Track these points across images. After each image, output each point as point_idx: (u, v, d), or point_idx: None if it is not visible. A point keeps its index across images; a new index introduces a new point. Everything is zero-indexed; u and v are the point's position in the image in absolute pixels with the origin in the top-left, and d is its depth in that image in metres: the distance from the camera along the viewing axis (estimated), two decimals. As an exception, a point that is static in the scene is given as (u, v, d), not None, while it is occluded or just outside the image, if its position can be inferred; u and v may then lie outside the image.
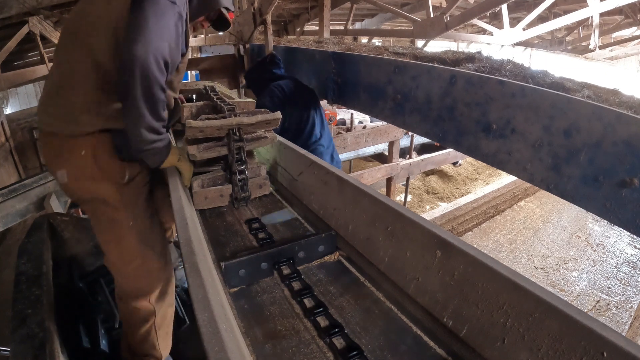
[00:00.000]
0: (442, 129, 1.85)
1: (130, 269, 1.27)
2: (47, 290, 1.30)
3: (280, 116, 1.26)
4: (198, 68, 3.61)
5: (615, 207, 1.23)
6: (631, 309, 3.50)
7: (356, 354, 0.70)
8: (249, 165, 1.29)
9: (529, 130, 1.45)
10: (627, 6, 4.61)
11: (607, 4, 3.63)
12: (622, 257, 4.28)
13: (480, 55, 1.97)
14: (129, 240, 1.24)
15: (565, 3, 4.89)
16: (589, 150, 1.27)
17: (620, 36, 6.54)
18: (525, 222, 4.94)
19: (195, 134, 1.16)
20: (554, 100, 1.35)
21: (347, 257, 1.02)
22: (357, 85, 2.44)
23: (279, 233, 1.15)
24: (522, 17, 3.99)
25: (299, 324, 0.80)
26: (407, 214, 0.85)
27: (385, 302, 0.86)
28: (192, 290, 0.63)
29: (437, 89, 1.83)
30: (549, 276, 3.94)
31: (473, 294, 0.67)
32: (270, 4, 2.84)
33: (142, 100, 0.99)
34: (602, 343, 0.51)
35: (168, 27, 1.00)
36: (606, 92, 1.49)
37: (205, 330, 0.54)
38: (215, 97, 1.38)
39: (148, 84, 0.98)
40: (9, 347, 1.12)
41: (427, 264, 0.77)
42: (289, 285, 0.91)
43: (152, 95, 1.00)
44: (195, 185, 1.23)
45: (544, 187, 1.43)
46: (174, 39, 1.03)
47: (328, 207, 1.10)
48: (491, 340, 0.63)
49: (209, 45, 7.48)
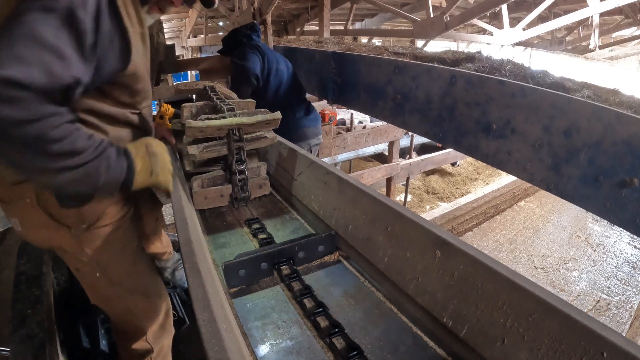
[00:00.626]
0: (442, 129, 1.85)
1: (117, 312, 1.16)
2: (47, 290, 1.30)
3: (280, 116, 1.26)
4: (198, 68, 3.61)
5: (615, 207, 1.23)
6: (631, 309, 3.50)
7: (356, 354, 0.70)
8: (249, 165, 1.29)
9: (529, 130, 1.45)
10: (627, 6, 4.60)
11: (607, 3, 3.63)
12: (622, 257, 4.28)
13: (480, 55, 1.98)
14: (103, 290, 1.09)
15: (565, 3, 4.89)
16: (589, 150, 1.27)
17: (620, 36, 6.54)
18: (525, 222, 4.94)
19: (195, 134, 1.16)
20: (554, 100, 1.35)
21: (346, 257, 1.02)
22: (357, 85, 2.44)
23: (279, 233, 1.15)
24: (522, 17, 3.99)
25: (298, 324, 0.80)
26: (407, 214, 0.85)
27: (385, 302, 0.86)
28: (192, 290, 0.63)
29: (437, 89, 1.83)
30: (549, 276, 3.94)
31: (473, 294, 0.67)
32: (270, 4, 2.85)
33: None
34: (602, 343, 0.51)
35: (38, 37, 0.66)
36: (606, 92, 1.49)
37: (205, 330, 0.54)
38: (215, 97, 1.38)
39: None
40: (8, 347, 1.12)
41: (427, 264, 0.77)
42: (288, 285, 0.91)
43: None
44: (195, 185, 1.23)
45: (544, 187, 1.44)
46: (55, 51, 0.68)
47: (328, 207, 1.10)
48: (491, 340, 0.63)
49: (209, 45, 7.49)
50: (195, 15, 6.70)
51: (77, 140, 0.73)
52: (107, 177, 0.80)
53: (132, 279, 1.12)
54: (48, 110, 0.68)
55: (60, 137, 0.70)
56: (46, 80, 0.67)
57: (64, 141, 0.71)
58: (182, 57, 5.39)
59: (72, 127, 0.73)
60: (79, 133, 0.74)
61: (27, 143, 0.68)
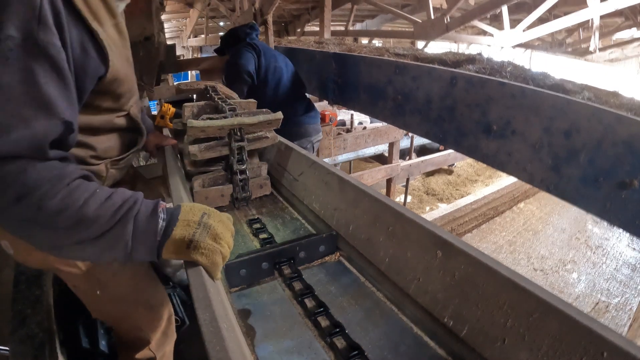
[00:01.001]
0: (443, 130, 1.85)
1: (120, 326, 1.13)
2: (47, 290, 1.30)
3: (281, 116, 1.27)
4: (199, 68, 3.61)
5: (615, 208, 1.23)
6: (630, 311, 3.50)
7: (357, 354, 0.70)
8: (250, 165, 1.29)
9: (529, 131, 1.45)
10: (628, 8, 4.61)
11: (607, 6, 3.64)
12: (621, 259, 4.28)
13: (480, 56, 1.98)
14: (104, 306, 1.04)
15: (565, 5, 4.90)
16: (589, 152, 1.28)
17: (621, 38, 6.55)
18: (524, 223, 4.94)
19: (196, 134, 1.16)
20: (554, 102, 1.36)
21: (347, 258, 1.02)
22: (358, 86, 2.44)
23: (280, 233, 1.15)
24: (522, 18, 3.99)
25: (299, 324, 0.80)
26: (407, 214, 0.85)
27: (385, 302, 0.86)
28: (193, 289, 0.63)
29: (437, 89, 1.83)
30: (548, 278, 3.94)
31: (473, 294, 0.67)
32: (271, 4, 2.85)
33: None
34: (602, 343, 0.51)
35: (6, 91, 0.54)
36: (606, 94, 1.50)
37: (207, 330, 0.54)
38: (217, 97, 1.38)
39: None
40: (8, 347, 1.12)
41: (428, 265, 0.77)
42: (289, 285, 0.91)
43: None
44: (196, 185, 1.23)
45: (543, 188, 1.44)
46: (32, 99, 0.56)
47: (329, 207, 1.11)
48: (491, 340, 0.63)
49: (209, 45, 7.49)
50: (196, 15, 6.70)
51: (85, 207, 0.59)
52: (137, 244, 0.64)
53: (133, 293, 1.07)
54: (42, 176, 0.56)
55: (61, 208, 0.57)
56: (31, 141, 0.55)
57: (67, 212, 0.58)
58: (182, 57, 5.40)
59: (77, 192, 0.59)
60: (88, 196, 0.60)
61: (28, 220, 0.57)
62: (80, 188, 0.60)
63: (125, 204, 0.63)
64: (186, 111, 1.28)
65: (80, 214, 0.59)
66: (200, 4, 5.60)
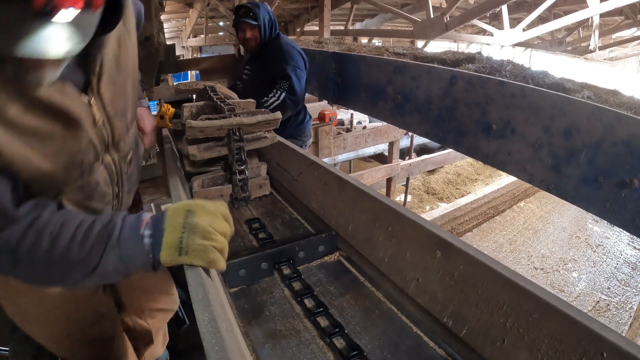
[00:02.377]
0: (442, 130, 1.85)
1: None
2: (47, 290, 1.29)
3: (280, 116, 1.27)
4: (198, 68, 3.62)
5: (615, 208, 1.23)
6: (631, 310, 3.50)
7: (356, 354, 0.70)
8: (249, 166, 1.29)
9: (529, 131, 1.45)
10: (627, 7, 4.61)
11: (607, 4, 3.64)
12: (621, 257, 4.29)
13: (480, 55, 1.98)
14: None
15: (565, 4, 4.89)
16: (589, 151, 1.27)
17: (621, 37, 6.55)
18: (525, 222, 4.94)
19: (195, 134, 1.16)
20: (554, 101, 1.35)
21: (347, 257, 1.02)
22: (357, 85, 2.44)
23: (279, 233, 1.15)
24: (522, 17, 3.99)
25: (299, 324, 0.80)
26: (407, 214, 0.85)
27: (385, 302, 0.86)
28: (192, 290, 0.63)
29: (437, 89, 1.83)
30: (548, 277, 3.94)
31: (473, 294, 0.67)
32: (270, 4, 2.84)
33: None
34: (602, 343, 0.51)
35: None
36: (606, 92, 1.49)
37: (206, 330, 0.54)
38: (216, 97, 1.38)
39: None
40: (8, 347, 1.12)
41: (427, 264, 0.77)
42: (289, 285, 0.91)
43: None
44: (196, 185, 1.23)
45: (543, 187, 1.44)
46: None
47: (328, 207, 1.10)
48: (491, 340, 0.63)
49: (209, 45, 7.49)
50: (196, 16, 6.70)
51: (69, 253, 0.61)
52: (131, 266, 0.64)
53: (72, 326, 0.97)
54: (19, 238, 0.58)
55: (51, 261, 0.60)
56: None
57: (56, 263, 0.61)
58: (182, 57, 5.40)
59: (59, 241, 0.60)
60: (67, 242, 0.61)
61: (32, 275, 0.63)
62: (61, 234, 0.61)
63: (102, 236, 0.63)
64: (185, 111, 1.28)
65: (67, 260, 0.61)
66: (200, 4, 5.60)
